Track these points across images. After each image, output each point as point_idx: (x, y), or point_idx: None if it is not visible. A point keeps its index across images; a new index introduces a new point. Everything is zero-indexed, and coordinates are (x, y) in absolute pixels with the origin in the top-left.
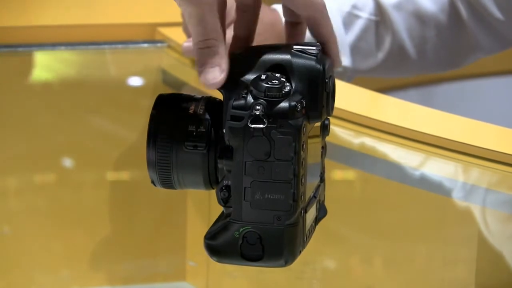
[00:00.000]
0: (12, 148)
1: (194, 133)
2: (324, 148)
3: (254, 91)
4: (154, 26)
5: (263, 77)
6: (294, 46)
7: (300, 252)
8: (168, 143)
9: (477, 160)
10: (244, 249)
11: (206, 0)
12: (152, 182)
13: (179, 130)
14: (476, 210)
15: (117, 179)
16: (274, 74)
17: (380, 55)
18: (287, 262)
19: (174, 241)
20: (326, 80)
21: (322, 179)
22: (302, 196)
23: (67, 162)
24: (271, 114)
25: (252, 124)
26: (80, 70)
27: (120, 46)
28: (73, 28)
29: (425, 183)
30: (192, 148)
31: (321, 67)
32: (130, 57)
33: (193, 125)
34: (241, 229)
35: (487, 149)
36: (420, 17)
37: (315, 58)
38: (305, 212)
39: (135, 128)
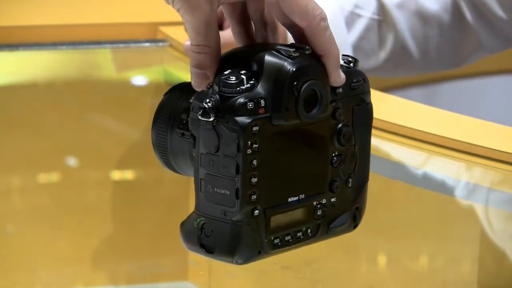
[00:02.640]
0: (15, 147)
1: (184, 121)
2: (341, 155)
3: (214, 85)
4: (156, 25)
5: (226, 72)
6: (278, 46)
7: (260, 253)
8: (164, 127)
9: (480, 159)
10: (202, 240)
11: (201, 11)
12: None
13: (174, 117)
14: (479, 209)
15: (120, 178)
16: (239, 70)
17: (383, 55)
18: (239, 261)
19: (176, 241)
20: (295, 83)
21: (332, 189)
22: (254, 196)
23: (69, 161)
24: (221, 108)
25: (201, 116)
26: (82, 70)
27: (121, 45)
28: (74, 27)
29: (428, 182)
30: (180, 135)
31: (291, 68)
32: (132, 56)
33: (185, 113)
34: (198, 220)
35: (490, 148)
36: (422, 16)
37: (288, 59)
38: (264, 213)
39: (137, 127)
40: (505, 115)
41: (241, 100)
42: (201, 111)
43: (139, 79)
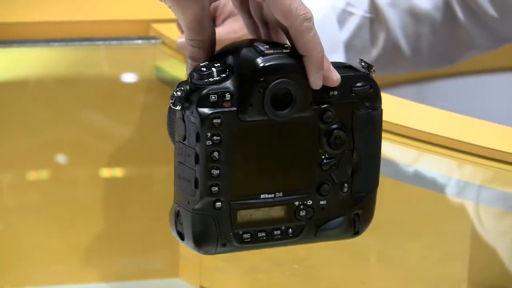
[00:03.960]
0: (5, 144)
1: None
2: (333, 159)
3: (189, 76)
4: (148, 22)
5: (203, 64)
6: (257, 43)
7: (225, 245)
8: (173, 110)
9: (471, 157)
10: (177, 227)
11: (192, 9)
12: None
13: None
14: (469, 207)
15: (111, 175)
16: (215, 63)
17: (374, 52)
18: (204, 250)
19: (167, 238)
20: (261, 79)
21: (320, 191)
22: (215, 188)
23: (61, 158)
24: (189, 99)
25: (172, 105)
26: (74, 67)
27: (114, 42)
28: (67, 24)
29: (419, 180)
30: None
31: (259, 65)
32: (124, 53)
33: None
34: (174, 206)
35: (481, 146)
36: (414, 14)
37: (259, 56)
38: (229, 206)
39: (129, 124)
40: (496, 113)
41: (205, 91)
42: (173, 100)
43: (131, 76)
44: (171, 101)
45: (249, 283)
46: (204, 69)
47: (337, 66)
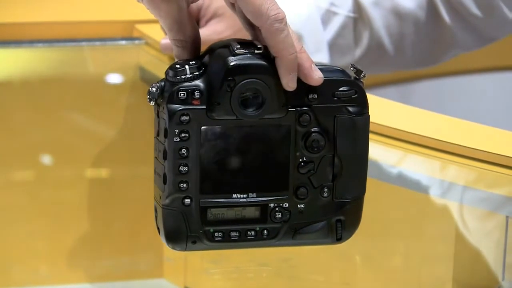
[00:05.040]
0: None
1: None
2: (312, 163)
3: (165, 74)
4: (132, 23)
5: (180, 61)
6: (232, 42)
7: (195, 243)
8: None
9: (455, 158)
10: (157, 221)
11: (167, 10)
12: None
13: None
14: (453, 208)
15: (95, 176)
16: (190, 61)
17: (358, 52)
18: (174, 247)
19: (152, 238)
20: (229, 78)
21: (297, 195)
22: (184, 185)
23: (45, 159)
24: (162, 95)
25: (148, 101)
26: (58, 67)
27: (98, 43)
28: (51, 25)
29: (403, 181)
30: None
31: (228, 64)
32: (108, 54)
33: None
34: (154, 202)
35: (465, 146)
36: (398, 14)
37: (230, 55)
38: (199, 204)
39: (113, 125)
40: (480, 114)
41: (174, 88)
42: (149, 95)
43: (115, 77)
44: (147, 97)
45: (234, 283)
46: (178, 66)
47: (327, 69)
